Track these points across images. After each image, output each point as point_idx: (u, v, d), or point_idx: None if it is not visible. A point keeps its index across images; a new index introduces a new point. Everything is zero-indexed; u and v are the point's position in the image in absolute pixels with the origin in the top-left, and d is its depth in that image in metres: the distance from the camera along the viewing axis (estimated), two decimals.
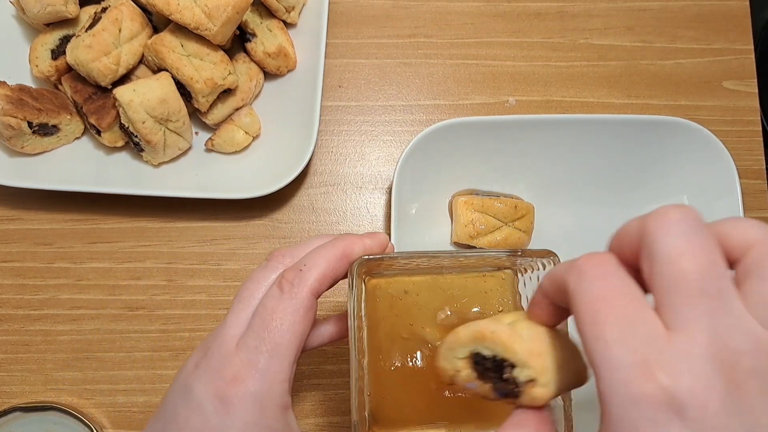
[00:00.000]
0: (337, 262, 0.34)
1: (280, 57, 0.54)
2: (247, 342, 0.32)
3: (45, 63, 0.52)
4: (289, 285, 0.33)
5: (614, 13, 0.61)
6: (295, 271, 0.33)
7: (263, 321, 0.32)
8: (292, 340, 0.32)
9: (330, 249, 0.34)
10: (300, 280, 0.33)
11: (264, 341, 0.31)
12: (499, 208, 0.51)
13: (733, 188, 0.51)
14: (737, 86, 0.59)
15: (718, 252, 0.23)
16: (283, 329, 0.32)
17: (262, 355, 0.31)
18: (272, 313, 0.32)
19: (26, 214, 0.56)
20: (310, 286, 0.32)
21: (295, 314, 0.32)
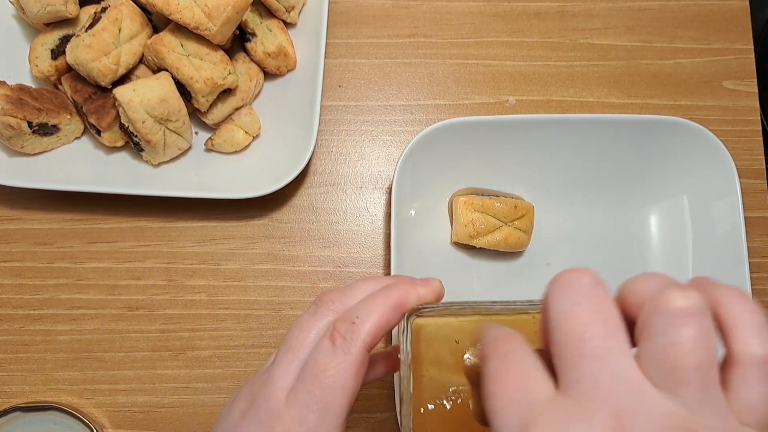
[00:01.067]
0: (390, 314, 0.32)
1: (280, 57, 0.54)
2: (298, 397, 0.30)
3: (45, 63, 0.52)
4: (341, 339, 0.31)
5: (614, 12, 0.61)
6: (348, 324, 0.31)
7: (315, 377, 0.30)
8: (343, 398, 0.30)
9: (383, 299, 0.32)
10: (353, 334, 0.31)
11: (315, 398, 0.30)
12: (499, 208, 0.51)
13: (733, 188, 0.51)
14: (737, 86, 0.59)
15: (611, 312, 0.23)
16: (335, 387, 0.30)
17: (313, 413, 0.30)
18: (324, 369, 0.30)
19: (26, 214, 0.56)
20: (363, 340, 0.31)
21: (347, 371, 0.30)
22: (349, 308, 0.33)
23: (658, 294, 0.22)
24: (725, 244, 0.51)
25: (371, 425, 0.52)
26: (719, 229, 0.52)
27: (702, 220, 0.53)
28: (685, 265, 0.53)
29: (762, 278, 0.56)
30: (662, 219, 0.55)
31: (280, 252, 0.55)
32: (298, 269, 0.55)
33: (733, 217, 0.51)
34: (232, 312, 0.54)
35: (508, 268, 0.54)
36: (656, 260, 0.54)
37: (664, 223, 0.55)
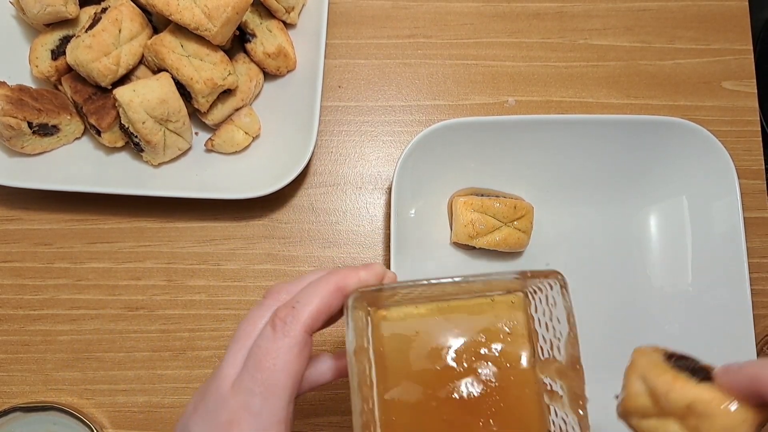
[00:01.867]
0: (330, 297, 0.33)
1: (280, 57, 0.54)
2: (242, 384, 0.31)
3: (45, 63, 0.52)
4: (281, 323, 0.32)
5: (613, 13, 0.61)
6: (288, 309, 0.32)
7: (256, 361, 0.32)
8: (286, 380, 0.31)
9: (323, 284, 0.33)
10: (293, 317, 0.32)
11: (258, 383, 0.31)
12: (499, 209, 0.51)
13: (732, 188, 0.51)
14: (736, 86, 0.60)
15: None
16: (276, 369, 0.31)
17: (257, 396, 0.31)
18: (266, 353, 0.32)
19: (26, 214, 0.56)
20: (303, 323, 0.32)
21: (288, 353, 0.31)
22: (292, 296, 0.34)
23: None
24: (724, 244, 0.51)
25: None
26: (718, 229, 0.52)
27: (701, 220, 0.53)
28: (684, 266, 0.53)
29: (761, 278, 0.56)
30: (662, 219, 0.55)
31: (280, 252, 0.55)
32: (298, 269, 0.55)
33: (732, 218, 0.51)
34: (232, 312, 0.54)
35: (507, 268, 0.54)
36: (656, 260, 0.54)
37: (663, 223, 0.55)
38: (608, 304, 0.54)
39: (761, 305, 0.55)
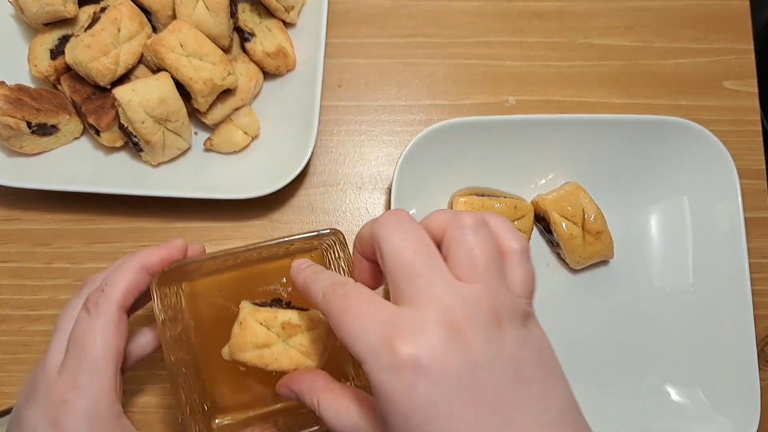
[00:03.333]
0: (137, 276, 0.37)
1: (280, 57, 0.54)
2: (67, 365, 0.35)
3: (44, 63, 0.52)
4: (94, 305, 0.36)
5: (614, 12, 0.61)
6: (98, 292, 0.36)
7: (77, 343, 0.35)
8: (108, 354, 0.35)
9: (127, 265, 0.37)
10: (104, 298, 0.36)
11: (81, 361, 0.34)
12: (499, 209, 0.51)
13: (733, 188, 0.51)
14: (737, 86, 0.59)
15: (426, 240, 0.30)
16: (96, 347, 0.35)
17: (82, 374, 0.34)
18: (84, 334, 0.35)
19: (25, 215, 0.56)
20: (114, 302, 0.36)
21: (106, 331, 0.35)
22: (101, 280, 0.37)
23: (454, 217, 0.30)
24: (725, 244, 0.51)
25: None
26: (719, 229, 0.52)
27: (702, 220, 0.53)
28: (685, 266, 0.53)
29: (762, 278, 0.56)
30: (662, 219, 0.55)
31: None
32: None
33: (733, 217, 0.51)
34: None
35: None
36: (656, 260, 0.54)
37: (664, 223, 0.55)
38: (608, 303, 0.54)
39: (762, 305, 0.55)
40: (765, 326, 0.55)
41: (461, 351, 0.27)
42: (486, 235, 0.30)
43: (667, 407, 0.51)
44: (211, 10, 0.51)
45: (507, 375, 0.27)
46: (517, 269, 0.31)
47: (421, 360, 0.26)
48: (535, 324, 0.31)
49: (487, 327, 0.28)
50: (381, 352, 0.27)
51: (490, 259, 0.29)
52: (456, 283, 0.29)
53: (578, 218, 0.51)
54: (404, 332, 0.27)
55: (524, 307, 0.30)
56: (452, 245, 0.30)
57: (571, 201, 0.52)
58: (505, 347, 0.28)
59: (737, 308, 0.50)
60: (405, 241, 0.30)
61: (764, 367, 0.53)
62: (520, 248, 0.31)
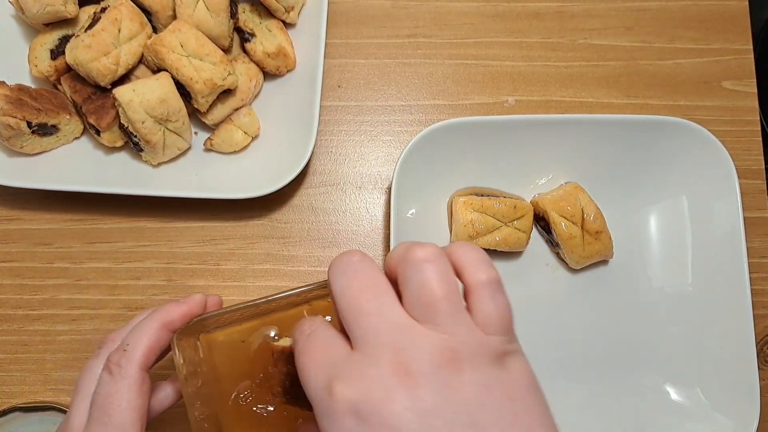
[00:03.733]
0: (157, 334, 0.36)
1: (280, 57, 0.54)
2: (92, 430, 0.34)
3: (44, 63, 0.52)
4: (116, 367, 0.35)
5: (613, 13, 0.61)
6: (120, 352, 0.35)
7: (101, 406, 0.34)
8: (133, 416, 0.34)
9: (148, 323, 0.36)
10: (126, 359, 0.35)
11: (107, 425, 0.34)
12: (499, 209, 0.51)
13: (732, 188, 0.51)
14: (736, 86, 0.60)
15: (377, 278, 0.28)
16: (121, 409, 0.34)
17: None
18: (108, 397, 0.34)
19: (26, 214, 0.56)
20: (136, 362, 0.35)
21: (129, 392, 0.34)
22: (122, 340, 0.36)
23: (406, 252, 0.28)
24: (724, 244, 0.51)
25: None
26: (718, 229, 0.52)
27: (701, 220, 0.53)
28: (684, 266, 0.53)
29: (761, 278, 0.56)
30: (662, 219, 0.55)
31: (280, 252, 0.55)
32: (297, 269, 0.55)
33: (732, 217, 0.51)
34: None
35: (507, 268, 0.54)
36: (656, 260, 0.54)
37: (663, 223, 0.55)
38: (608, 303, 0.54)
39: (761, 305, 0.55)
40: (764, 326, 0.55)
41: (407, 397, 0.25)
42: (440, 268, 0.28)
43: (667, 407, 0.51)
44: (212, 11, 0.51)
45: (460, 423, 0.25)
46: (488, 303, 0.28)
47: (360, 406, 0.25)
48: (517, 362, 0.28)
49: (440, 370, 0.26)
50: (323, 396, 0.26)
51: (444, 296, 0.27)
52: (408, 323, 0.27)
53: (577, 218, 0.51)
54: (346, 377, 0.26)
55: (495, 346, 0.27)
56: (404, 283, 0.28)
57: (571, 201, 0.52)
58: (461, 392, 0.26)
59: (736, 308, 0.50)
60: (353, 281, 0.28)
61: (764, 366, 0.53)
62: (487, 279, 0.28)
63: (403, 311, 0.27)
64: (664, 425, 0.50)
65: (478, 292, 0.28)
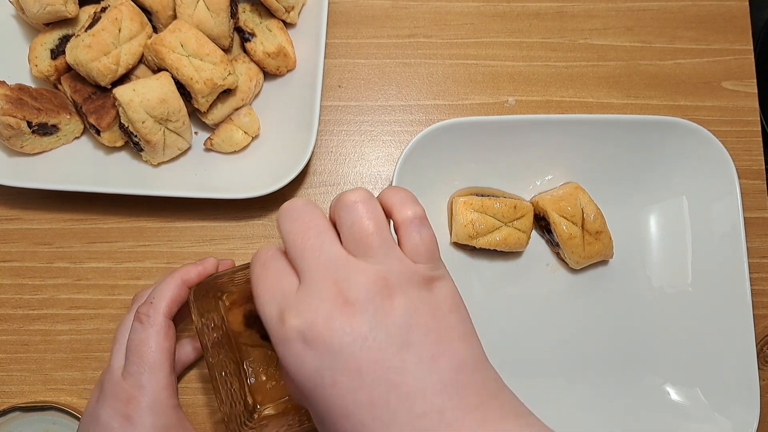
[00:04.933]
0: (178, 289, 0.44)
1: (280, 57, 0.54)
2: (130, 370, 0.41)
3: (44, 63, 0.52)
4: (145, 317, 0.42)
5: (613, 13, 0.61)
6: (147, 305, 0.43)
7: (135, 350, 0.41)
8: (162, 356, 0.41)
9: (170, 280, 0.44)
10: (153, 310, 0.42)
11: (141, 365, 0.41)
12: (499, 209, 0.51)
13: (732, 188, 0.51)
14: (736, 86, 0.60)
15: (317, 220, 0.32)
16: (152, 350, 0.41)
17: (143, 375, 0.41)
18: (139, 342, 0.42)
19: (25, 214, 0.56)
20: (162, 312, 0.42)
21: (158, 336, 0.42)
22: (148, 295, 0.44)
23: (340, 196, 0.33)
24: (724, 244, 0.51)
25: None
26: (718, 229, 0.52)
27: (701, 220, 0.53)
28: (684, 265, 0.53)
29: (761, 278, 0.56)
30: (662, 219, 0.55)
31: None
32: None
33: (732, 218, 0.51)
34: None
35: (507, 268, 0.54)
36: (656, 260, 0.54)
37: (663, 223, 0.55)
38: (608, 303, 0.54)
39: (761, 305, 0.55)
40: (765, 326, 0.55)
41: (345, 322, 0.29)
42: (368, 207, 0.32)
43: (667, 407, 0.51)
44: (212, 11, 0.51)
45: (392, 342, 0.29)
46: (414, 236, 0.32)
47: (305, 332, 0.29)
48: (444, 285, 0.32)
49: (373, 298, 0.29)
50: (276, 325, 0.30)
51: (374, 230, 0.31)
52: (344, 257, 0.31)
53: (578, 218, 0.51)
54: (294, 308, 0.30)
55: (423, 273, 0.31)
56: (339, 222, 0.32)
57: (571, 201, 0.52)
58: (392, 315, 0.29)
59: (736, 308, 0.50)
60: (296, 222, 0.32)
61: (764, 366, 0.53)
62: (413, 214, 0.33)
63: (341, 248, 0.31)
64: (664, 425, 0.50)
65: (405, 227, 0.32)
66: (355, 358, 0.29)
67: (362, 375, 0.29)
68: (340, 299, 0.29)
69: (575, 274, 0.55)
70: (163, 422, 0.40)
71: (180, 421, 0.42)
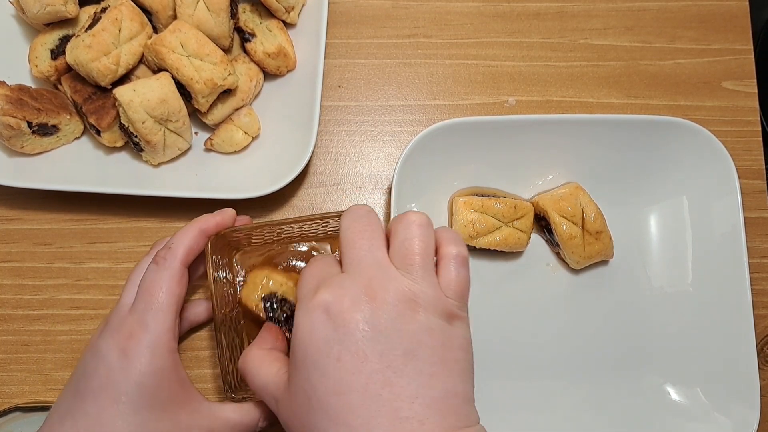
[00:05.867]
0: (197, 238, 0.44)
1: (280, 57, 0.54)
2: (137, 307, 0.42)
3: (44, 63, 0.52)
4: (162, 260, 0.42)
5: (614, 13, 0.61)
6: (166, 249, 0.43)
7: (146, 289, 0.42)
8: (170, 300, 0.41)
9: (189, 228, 0.44)
10: (170, 254, 0.43)
11: (149, 304, 0.41)
12: (499, 209, 0.51)
13: (733, 188, 0.51)
14: (736, 86, 0.60)
15: (374, 227, 0.35)
16: (162, 292, 0.41)
17: (149, 314, 0.41)
18: (152, 283, 0.42)
19: (26, 214, 0.56)
20: (179, 258, 0.42)
21: (171, 280, 0.42)
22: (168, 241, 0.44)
23: (403, 214, 0.36)
24: (725, 244, 0.51)
25: None
26: (719, 229, 0.52)
27: (701, 220, 0.53)
28: (684, 266, 0.53)
29: (761, 278, 0.56)
30: (662, 219, 0.55)
31: None
32: None
33: (732, 218, 0.51)
34: None
35: (508, 268, 0.54)
36: (656, 260, 0.54)
37: (663, 222, 0.55)
38: (608, 303, 0.54)
39: (761, 305, 0.55)
40: (765, 326, 0.55)
41: (367, 312, 0.32)
42: (424, 232, 0.35)
43: (667, 407, 0.51)
44: (212, 11, 0.51)
45: (401, 347, 0.32)
46: (452, 272, 0.35)
47: (331, 306, 0.32)
48: (461, 326, 0.34)
49: (400, 304, 0.32)
50: (308, 295, 0.34)
51: (421, 253, 0.34)
52: (387, 263, 0.34)
53: (578, 218, 0.52)
54: (329, 285, 0.33)
55: (449, 307, 0.34)
56: (393, 234, 0.35)
57: (571, 201, 0.52)
58: (409, 325, 0.32)
59: (737, 308, 0.50)
60: (355, 223, 0.35)
61: (764, 366, 0.53)
62: (457, 253, 0.35)
63: (386, 255, 0.34)
64: (664, 425, 0.50)
65: (447, 261, 0.35)
66: (365, 345, 0.31)
67: (366, 361, 0.31)
68: (371, 292, 0.32)
69: (575, 274, 0.55)
70: (159, 364, 0.40)
71: (175, 366, 0.42)
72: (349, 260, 0.34)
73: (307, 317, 0.33)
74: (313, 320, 0.32)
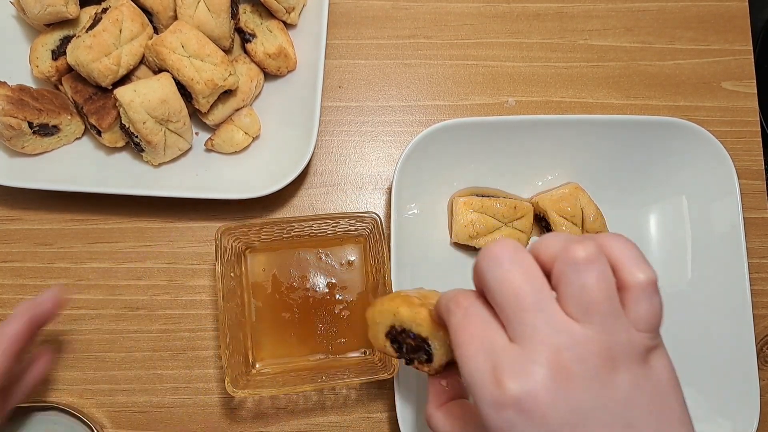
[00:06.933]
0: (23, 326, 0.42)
1: (281, 58, 0.54)
2: None
3: (45, 63, 0.52)
4: None
5: (613, 14, 0.61)
6: None
7: None
8: None
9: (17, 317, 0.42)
10: None
11: None
12: (499, 209, 0.51)
13: (732, 188, 0.51)
14: (736, 87, 0.60)
15: (533, 271, 0.29)
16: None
17: None
18: None
19: (26, 214, 0.56)
20: None
21: None
22: None
23: (564, 250, 0.28)
24: (724, 244, 0.51)
25: (371, 425, 0.52)
26: (718, 229, 0.52)
27: (701, 220, 0.53)
28: (684, 265, 0.53)
29: (761, 278, 0.56)
30: (662, 219, 0.55)
31: None
32: None
33: (732, 218, 0.51)
34: None
35: None
36: (655, 260, 0.54)
37: (663, 223, 0.55)
38: None
39: (761, 305, 0.55)
40: (764, 326, 0.55)
41: (566, 396, 0.27)
42: (600, 270, 0.28)
43: None
44: (213, 12, 0.51)
45: (615, 423, 0.27)
46: (642, 304, 0.29)
47: (523, 402, 0.27)
48: (660, 356, 0.30)
49: (597, 371, 0.27)
50: (487, 385, 0.28)
51: (604, 297, 0.28)
52: (566, 322, 0.28)
53: (578, 218, 0.52)
54: (510, 370, 0.27)
55: (644, 343, 0.29)
56: (562, 281, 0.28)
57: (571, 201, 0.52)
58: (617, 392, 0.27)
59: (736, 308, 0.50)
60: (509, 274, 0.28)
61: (764, 367, 0.53)
62: (646, 280, 0.29)
63: (559, 309, 0.28)
64: None
65: (635, 292, 0.29)
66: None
67: None
68: (560, 368, 0.27)
69: None
70: None
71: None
72: (519, 327, 0.28)
73: (498, 417, 0.27)
74: (504, 420, 0.27)
